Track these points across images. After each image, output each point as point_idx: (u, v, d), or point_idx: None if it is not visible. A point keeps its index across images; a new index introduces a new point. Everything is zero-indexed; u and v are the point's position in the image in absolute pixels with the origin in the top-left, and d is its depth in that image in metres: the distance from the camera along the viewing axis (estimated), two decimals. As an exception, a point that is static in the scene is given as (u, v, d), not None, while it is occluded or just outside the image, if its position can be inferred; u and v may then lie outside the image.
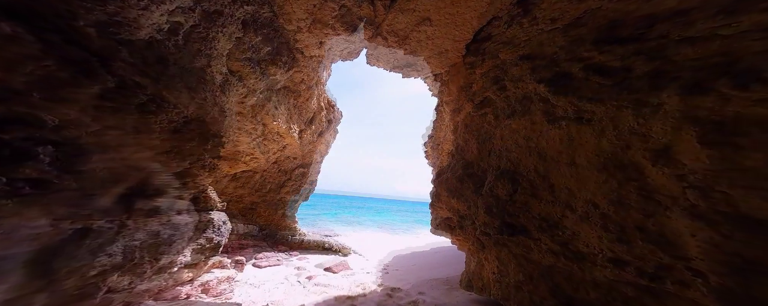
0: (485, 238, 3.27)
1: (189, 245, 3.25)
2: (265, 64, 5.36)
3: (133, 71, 2.36)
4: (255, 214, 11.55)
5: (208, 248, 3.74)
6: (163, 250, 2.71)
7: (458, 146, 5.16)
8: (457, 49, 5.65)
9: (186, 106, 2.64)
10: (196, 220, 3.36)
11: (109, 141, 2.32)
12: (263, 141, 6.64)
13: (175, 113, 2.59)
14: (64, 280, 2.27)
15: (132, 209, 2.56)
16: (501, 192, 3.16)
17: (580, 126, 2.30)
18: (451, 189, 4.25)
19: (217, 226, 3.82)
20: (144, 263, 2.63)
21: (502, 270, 2.98)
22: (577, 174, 2.33)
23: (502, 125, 3.70)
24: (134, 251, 2.53)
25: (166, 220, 2.80)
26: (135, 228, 2.57)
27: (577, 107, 2.36)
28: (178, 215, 3.02)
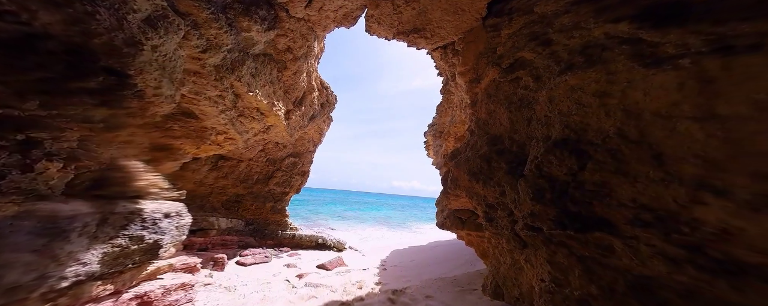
0: (530, 234, 2.23)
1: (92, 249, 2.12)
2: (233, 13, 4.14)
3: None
4: (240, 207, 10.37)
5: (138, 251, 2.61)
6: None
7: (479, 120, 4.08)
8: (475, 9, 4.56)
9: (33, 11, 1.50)
10: (99, 211, 2.21)
11: None
12: (239, 117, 5.43)
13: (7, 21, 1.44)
14: None
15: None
16: (557, 170, 2.12)
17: (731, 58, 1.29)
18: (475, 171, 3.21)
19: (153, 221, 2.69)
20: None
21: (558, 278, 1.96)
22: (724, 132, 1.31)
23: (549, 86, 2.65)
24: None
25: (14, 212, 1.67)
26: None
27: (717, 35, 1.35)
28: (40, 202, 1.88)
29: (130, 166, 2.61)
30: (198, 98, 3.85)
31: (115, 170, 2.43)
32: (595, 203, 2.01)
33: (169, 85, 2.51)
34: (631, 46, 2.05)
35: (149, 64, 2.18)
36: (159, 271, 3.47)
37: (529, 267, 2.52)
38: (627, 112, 2.02)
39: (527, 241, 2.53)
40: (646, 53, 1.96)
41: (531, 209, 2.37)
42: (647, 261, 1.67)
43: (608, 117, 2.18)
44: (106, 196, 2.35)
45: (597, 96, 2.30)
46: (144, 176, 2.75)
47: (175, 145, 4.56)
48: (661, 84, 1.81)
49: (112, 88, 1.97)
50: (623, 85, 2.12)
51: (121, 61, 1.95)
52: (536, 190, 2.42)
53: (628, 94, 2.06)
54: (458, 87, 6.22)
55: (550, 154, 2.48)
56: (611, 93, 2.19)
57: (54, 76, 1.66)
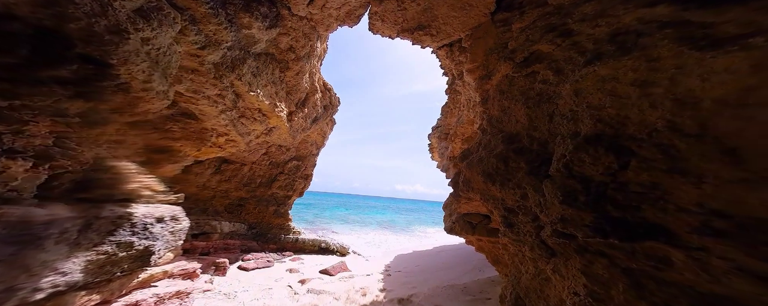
0: (560, 241, 1.92)
1: (73, 257, 1.87)
2: (233, 9, 3.97)
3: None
4: (243, 211, 10.16)
5: (126, 258, 2.36)
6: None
7: (492, 118, 3.79)
8: (483, 4, 4.33)
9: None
10: (81, 216, 1.97)
11: None
12: (241, 119, 5.24)
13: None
14: None
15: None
16: (591, 169, 1.83)
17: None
18: (490, 172, 2.91)
19: (144, 226, 2.44)
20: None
21: (596, 292, 1.65)
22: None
23: (573, 78, 2.38)
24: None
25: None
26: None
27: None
28: (4, 206, 1.64)
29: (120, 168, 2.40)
30: (196, 97, 3.66)
31: (102, 171, 2.21)
32: (645, 208, 1.70)
33: (161, 80, 2.30)
34: (675, 29, 1.77)
35: (136, 55, 1.97)
36: (152, 279, 3.22)
37: (558, 278, 2.19)
38: (679, 102, 1.72)
39: (556, 249, 2.21)
40: (697, 35, 1.67)
41: (561, 214, 2.06)
42: (722, 277, 1.35)
43: (654, 108, 1.87)
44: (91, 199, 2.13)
45: (636, 86, 2.00)
46: (136, 178, 2.53)
47: (175, 147, 4.36)
48: (725, 67, 1.52)
49: (90, 79, 1.75)
50: (671, 71, 1.82)
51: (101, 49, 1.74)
52: (566, 193, 2.11)
53: (678, 82, 1.76)
54: (466, 85, 5.95)
55: (581, 152, 2.17)
56: (655, 81, 1.89)
57: (17, 62, 1.45)
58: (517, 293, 2.66)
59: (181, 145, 4.34)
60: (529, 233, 2.44)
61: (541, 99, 3.12)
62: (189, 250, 7.62)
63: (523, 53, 3.44)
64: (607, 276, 1.84)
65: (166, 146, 4.13)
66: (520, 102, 3.42)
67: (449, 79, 8.20)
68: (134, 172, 2.55)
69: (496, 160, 3.06)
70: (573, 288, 2.03)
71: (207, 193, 8.31)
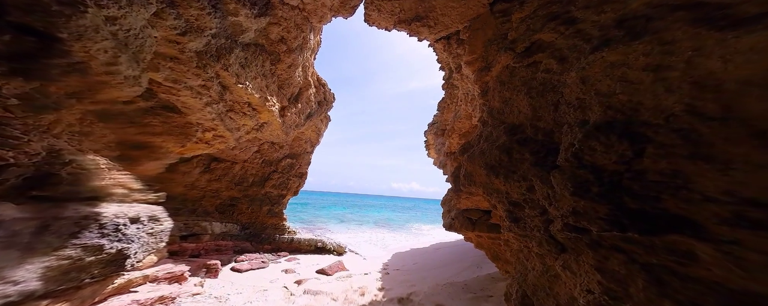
0: (572, 236, 1.78)
1: (26, 263, 1.62)
2: (219, -7, 3.69)
3: None
4: (235, 211, 9.83)
5: (96, 263, 2.11)
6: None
7: (492, 110, 3.65)
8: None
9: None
10: (37, 217, 1.72)
11: None
12: (229, 113, 4.95)
13: None
14: None
15: None
16: (604, 158, 1.69)
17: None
18: (493, 164, 2.76)
19: (115, 227, 2.18)
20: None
21: (612, 289, 1.52)
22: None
23: (579, 66, 2.28)
24: None
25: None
26: None
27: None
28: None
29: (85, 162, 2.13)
30: (177, 87, 3.38)
31: (61, 166, 1.93)
32: (666, 198, 1.57)
33: (131, 65, 2.04)
34: (689, 12, 1.66)
35: (95, 32, 1.71)
36: (131, 284, 2.96)
37: (569, 275, 2.06)
38: (699, 85, 1.59)
39: (566, 244, 2.07)
40: (715, 16, 1.56)
41: (572, 206, 1.92)
42: (758, 273, 1.22)
43: (670, 93, 1.75)
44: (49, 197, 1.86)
45: (650, 70, 1.88)
46: (106, 174, 2.26)
47: (156, 143, 4.06)
48: (750, 47, 1.38)
49: (32, 54, 1.49)
50: (687, 54, 1.70)
51: (46, 20, 1.47)
52: (578, 183, 1.97)
53: (696, 64, 1.63)
54: (464, 78, 5.80)
55: (591, 140, 2.04)
56: (670, 65, 1.77)
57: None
58: (523, 291, 2.53)
59: (163, 140, 4.05)
60: (536, 228, 2.30)
61: (544, 88, 3.00)
62: (177, 252, 7.29)
63: (524, 43, 3.34)
64: (625, 272, 1.70)
65: (145, 142, 3.83)
66: (523, 92, 3.30)
67: (446, 73, 8.05)
68: (104, 167, 2.29)
69: (499, 152, 2.91)
70: (586, 285, 1.90)
71: (196, 192, 7.96)
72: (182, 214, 7.62)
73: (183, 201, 7.75)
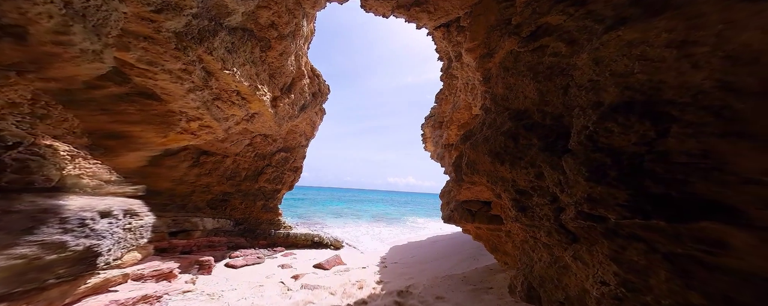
0: (586, 225, 1.62)
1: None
2: (198, -34, 3.33)
3: None
4: (228, 206, 9.54)
5: (59, 261, 1.88)
6: None
7: (496, 96, 3.48)
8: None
9: None
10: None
11: None
12: (215, 101, 4.62)
13: None
14: None
15: None
16: (622, 139, 1.53)
17: None
18: (498, 151, 2.60)
19: (82, 222, 1.93)
20: None
21: (630, 281, 1.38)
22: None
23: (590, 47, 2.16)
24: None
25: None
26: None
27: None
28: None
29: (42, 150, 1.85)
30: (153, 70, 3.06)
31: (4, 150, 1.63)
32: (695, 181, 1.42)
33: (88, 37, 1.75)
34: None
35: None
36: (109, 283, 2.73)
37: (580, 266, 1.93)
38: (732, 59, 1.43)
39: (578, 233, 1.93)
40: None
41: (588, 193, 1.77)
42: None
43: (697, 69, 1.59)
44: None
45: (673, 47, 1.71)
46: (67, 163, 1.98)
47: (134, 133, 3.75)
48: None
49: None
50: (717, 28, 1.54)
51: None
52: (593, 168, 1.81)
53: (729, 38, 1.47)
54: (464, 67, 5.59)
55: (607, 121, 1.88)
56: (697, 40, 1.61)
57: None
58: (529, 283, 2.42)
59: (142, 130, 3.74)
60: (545, 217, 2.15)
61: (552, 72, 2.85)
62: (167, 249, 7.02)
63: (529, 27, 3.19)
64: (644, 263, 1.57)
65: (121, 131, 3.52)
66: (528, 77, 3.13)
67: (445, 63, 7.80)
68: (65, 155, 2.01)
69: (504, 138, 2.74)
70: (600, 276, 1.77)
71: (184, 187, 7.63)
72: (170, 209, 7.31)
73: (171, 196, 7.42)
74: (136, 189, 3.15)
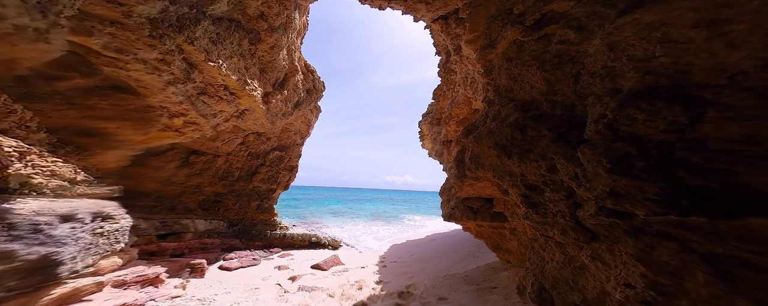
0: (607, 222, 1.42)
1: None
2: (175, -56, 3.02)
3: None
4: (221, 207, 9.21)
5: (10, 272, 1.60)
6: None
7: (499, 88, 3.29)
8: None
9: None
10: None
11: None
12: (201, 96, 4.32)
13: None
14: None
15: None
16: (647, 127, 1.32)
17: None
18: (504, 144, 2.40)
19: (35, 228, 1.65)
20: None
21: (661, 284, 1.18)
22: None
23: (603, 32, 2.11)
24: None
25: None
26: None
27: None
28: None
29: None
30: (124, 59, 2.76)
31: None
32: (742, 170, 1.23)
33: (28, 13, 1.48)
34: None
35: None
36: (81, 293, 2.45)
37: (600, 266, 1.75)
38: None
39: (598, 231, 1.75)
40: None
41: (611, 186, 1.58)
42: None
43: (732, 49, 1.41)
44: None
45: (702, 26, 1.52)
46: (12, 161, 1.68)
47: (109, 130, 3.44)
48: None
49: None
50: (753, 4, 1.35)
51: None
52: (615, 158, 1.62)
53: None
54: (464, 60, 5.38)
55: (629, 109, 1.69)
56: (731, 18, 1.42)
57: None
58: (540, 284, 2.24)
59: (118, 126, 3.43)
60: (560, 214, 1.96)
61: (560, 61, 2.67)
62: (156, 252, 6.70)
63: (533, 16, 3.01)
64: (677, 264, 1.39)
65: (93, 127, 3.21)
66: (534, 67, 2.95)
67: (442, 58, 7.58)
68: (13, 151, 1.72)
69: (510, 130, 2.54)
70: (624, 278, 1.59)
71: (173, 188, 7.29)
72: (158, 211, 6.97)
73: (158, 198, 7.07)
74: (111, 190, 2.86)
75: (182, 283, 5.37)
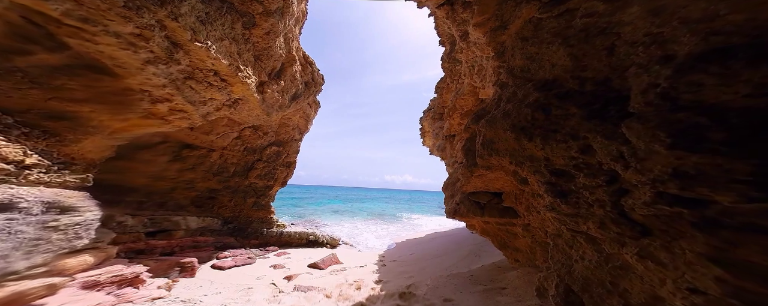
0: (664, 212, 1.03)
1: None
2: None
3: None
4: (215, 204, 8.82)
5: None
6: None
7: (513, 69, 2.97)
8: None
9: None
10: None
11: None
12: (188, 81, 3.95)
13: None
14: None
15: None
16: (723, 93, 0.95)
17: None
18: (524, 125, 2.07)
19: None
20: None
21: (744, 290, 0.75)
22: None
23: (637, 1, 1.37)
24: None
25: None
26: None
27: None
28: None
29: None
30: (92, 30, 2.39)
31: None
32: None
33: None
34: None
35: None
36: (24, 297, 2.07)
37: (652, 267, 1.41)
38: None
39: (651, 224, 1.40)
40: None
41: (674, 166, 1.23)
42: None
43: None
44: None
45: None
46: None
47: (81, 113, 3.07)
48: None
49: None
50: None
51: None
52: (678, 131, 1.28)
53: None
54: (471, 46, 5.03)
55: (691, 74, 1.36)
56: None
57: None
58: (566, 286, 1.90)
59: (91, 110, 3.06)
60: (598, 203, 1.61)
61: (587, 35, 2.35)
62: (144, 250, 6.32)
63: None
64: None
65: (63, 110, 2.84)
66: (556, 44, 2.62)
67: (447, 48, 7.24)
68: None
69: (531, 110, 2.20)
70: (688, 282, 1.24)
71: (164, 184, 6.90)
72: (147, 207, 6.58)
73: (148, 193, 6.68)
74: (78, 179, 2.48)
75: (167, 283, 4.99)
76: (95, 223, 2.57)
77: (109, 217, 5.45)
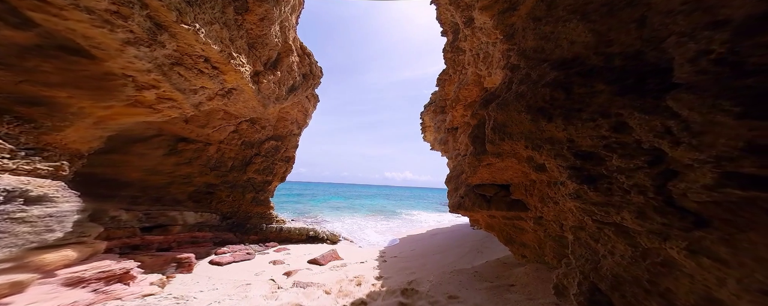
0: (732, 199, 0.75)
1: None
2: None
3: None
4: (213, 199, 8.62)
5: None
6: None
7: (525, 50, 2.71)
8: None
9: None
10: None
11: None
12: (175, 67, 3.68)
13: None
14: None
15: None
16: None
17: None
18: (542, 106, 1.83)
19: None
20: None
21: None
22: None
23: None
24: None
25: None
26: None
27: None
28: None
29: None
30: (60, 4, 2.12)
31: None
32: None
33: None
34: None
35: None
36: None
37: (707, 264, 1.17)
38: None
39: (709, 214, 1.16)
40: None
41: (748, 138, 0.98)
42: None
43: None
44: None
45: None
46: None
47: (58, 99, 2.82)
48: None
49: None
50: None
51: None
52: (748, 98, 1.02)
53: None
54: (477, 32, 4.74)
55: (758, 36, 1.09)
56: None
57: None
58: (592, 284, 1.67)
59: (69, 96, 2.81)
60: (637, 188, 1.37)
61: (611, 8, 2.10)
62: (140, 245, 6.13)
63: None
64: None
65: (37, 95, 2.59)
66: (574, 21, 2.37)
67: (450, 38, 6.93)
68: None
69: (550, 90, 1.94)
70: (762, 283, 0.99)
71: (159, 178, 6.68)
72: (142, 202, 6.38)
73: (143, 188, 6.47)
74: (52, 167, 2.24)
75: (161, 279, 4.79)
76: (71, 215, 2.34)
77: (102, 212, 5.23)
